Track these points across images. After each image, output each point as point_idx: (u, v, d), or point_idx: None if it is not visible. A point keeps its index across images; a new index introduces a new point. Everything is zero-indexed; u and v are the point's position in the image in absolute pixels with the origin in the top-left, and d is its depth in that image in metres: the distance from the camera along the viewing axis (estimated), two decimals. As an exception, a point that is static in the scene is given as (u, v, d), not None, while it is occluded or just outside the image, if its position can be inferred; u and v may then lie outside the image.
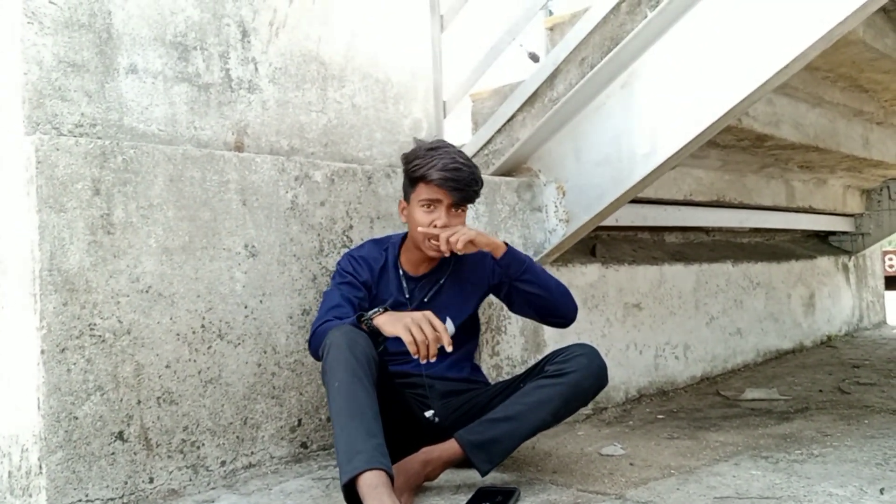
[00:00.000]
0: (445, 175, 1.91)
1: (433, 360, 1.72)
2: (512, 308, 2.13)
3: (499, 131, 2.67)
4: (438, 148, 1.96)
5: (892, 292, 7.22)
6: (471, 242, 1.92)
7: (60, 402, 1.68)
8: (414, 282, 2.08)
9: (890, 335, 5.41)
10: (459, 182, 1.92)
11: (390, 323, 1.74)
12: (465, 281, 2.11)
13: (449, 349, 1.72)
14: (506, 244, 2.00)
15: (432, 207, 1.95)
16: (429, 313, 1.74)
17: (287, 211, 2.15)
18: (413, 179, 1.98)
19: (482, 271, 2.12)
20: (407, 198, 2.03)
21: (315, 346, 1.85)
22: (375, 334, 1.76)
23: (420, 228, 1.96)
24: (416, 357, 1.69)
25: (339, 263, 2.07)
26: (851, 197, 5.65)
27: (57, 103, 1.82)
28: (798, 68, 2.18)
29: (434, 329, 1.70)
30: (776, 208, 4.72)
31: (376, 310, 1.80)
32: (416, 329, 1.69)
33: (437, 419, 1.98)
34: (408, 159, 2.00)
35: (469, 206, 2.06)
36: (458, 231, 1.92)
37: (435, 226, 1.94)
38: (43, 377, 1.65)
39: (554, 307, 2.05)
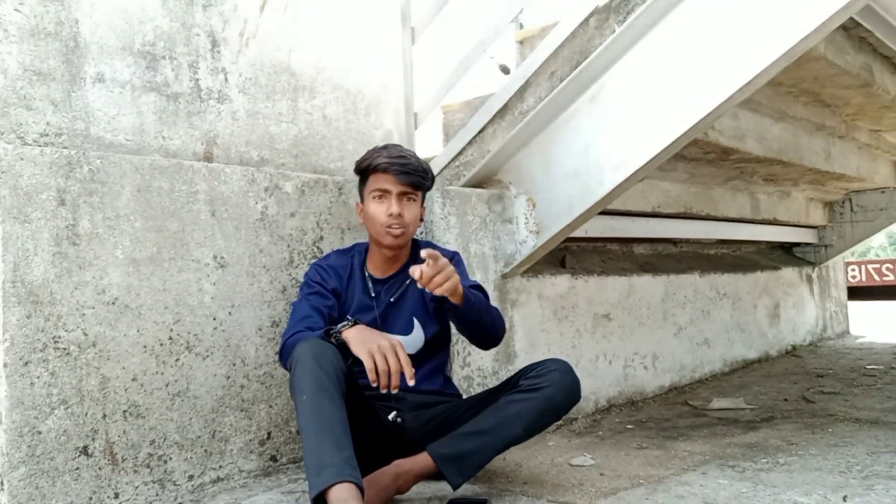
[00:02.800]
0: (392, 160, 1.98)
1: (394, 391, 1.71)
2: (446, 317, 2.07)
3: (469, 143, 2.69)
4: (387, 146, 2.06)
5: (854, 303, 7.38)
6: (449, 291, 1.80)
7: (23, 416, 1.64)
8: (380, 284, 2.08)
9: (853, 345, 5.51)
10: (406, 167, 1.98)
11: (357, 343, 1.74)
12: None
13: (411, 383, 1.71)
14: (463, 294, 1.86)
15: (383, 197, 1.99)
16: (396, 341, 1.74)
17: (257, 222, 2.13)
18: (363, 173, 2.05)
19: None
20: (361, 195, 2.08)
21: (286, 358, 1.84)
22: (345, 347, 1.75)
23: (382, 221, 1.98)
24: (375, 385, 1.68)
25: (306, 274, 2.07)
26: (815, 209, 5.76)
27: (22, 112, 1.80)
28: (762, 83, 2.23)
29: (398, 360, 1.69)
30: (742, 220, 4.80)
31: (344, 323, 1.80)
32: (379, 357, 1.68)
33: (399, 419, 1.97)
34: (359, 160, 2.08)
35: (424, 201, 2.08)
36: (447, 273, 1.77)
37: (390, 215, 1.97)
38: (5, 391, 1.62)
39: (481, 339, 2.01)
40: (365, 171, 2.04)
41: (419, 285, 1.76)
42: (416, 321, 2.07)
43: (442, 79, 2.87)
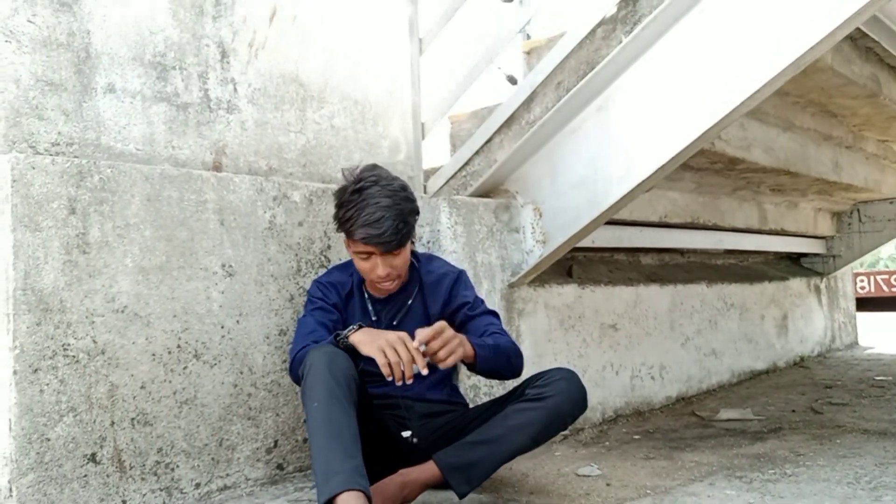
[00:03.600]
0: (368, 233, 1.84)
1: (409, 381, 1.71)
2: None
3: (477, 153, 2.70)
4: (363, 190, 1.87)
5: (863, 314, 7.34)
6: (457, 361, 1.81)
7: (32, 423, 1.65)
8: (381, 304, 2.06)
9: (861, 356, 5.48)
10: (383, 236, 1.84)
11: (365, 343, 1.74)
12: (430, 307, 2.09)
13: (424, 372, 1.72)
14: (474, 350, 1.85)
15: (367, 257, 1.91)
16: (403, 334, 1.74)
17: (265, 231, 2.15)
18: (340, 230, 1.94)
19: (439, 294, 2.07)
20: (344, 240, 1.99)
21: (295, 372, 1.84)
22: (353, 352, 1.76)
23: (370, 278, 1.95)
24: (390, 378, 1.69)
25: (308, 291, 2.07)
26: (822, 220, 5.75)
27: (34, 122, 1.82)
28: (768, 94, 2.23)
29: (408, 351, 1.69)
30: (749, 230, 4.79)
31: (351, 328, 1.81)
32: (390, 351, 1.68)
33: (415, 440, 1.97)
34: (336, 203, 1.94)
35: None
36: (451, 346, 1.76)
37: (378, 276, 1.91)
38: (15, 398, 1.63)
39: (499, 378, 2.03)
40: (341, 227, 1.93)
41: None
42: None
43: (449, 89, 2.89)
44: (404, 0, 2.80)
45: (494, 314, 2.08)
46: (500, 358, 1.92)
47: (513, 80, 3.05)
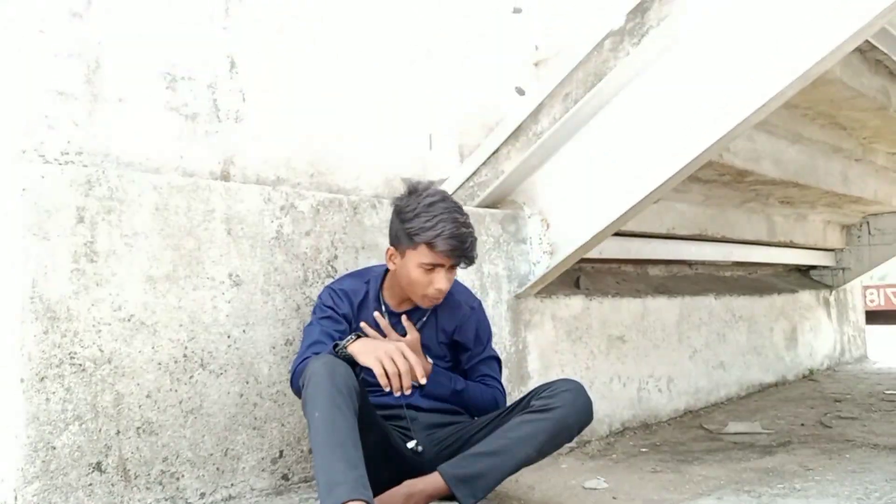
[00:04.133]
0: (453, 245, 1.86)
1: (407, 392, 1.71)
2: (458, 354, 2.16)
3: (484, 164, 2.70)
4: (435, 204, 1.89)
5: (872, 327, 7.29)
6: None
7: (38, 431, 1.66)
8: (396, 317, 2.06)
9: (871, 369, 5.44)
10: (465, 251, 1.89)
11: (364, 353, 1.74)
12: (442, 324, 2.10)
13: (423, 381, 1.72)
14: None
15: (433, 270, 1.91)
16: (401, 344, 1.74)
17: (272, 240, 2.15)
18: (414, 238, 1.89)
19: (455, 317, 2.10)
20: (400, 249, 1.95)
21: (296, 384, 1.84)
22: (352, 363, 1.75)
23: (424, 291, 1.94)
24: (388, 390, 1.69)
25: (319, 297, 2.07)
26: (832, 232, 5.72)
27: (43, 131, 1.83)
28: (777, 106, 2.23)
29: (406, 361, 1.70)
30: (758, 242, 4.78)
31: (349, 337, 1.81)
32: (388, 362, 1.68)
33: (420, 448, 1.96)
34: (405, 215, 1.92)
35: None
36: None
37: (438, 289, 1.92)
38: (21, 406, 1.63)
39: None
40: (417, 238, 1.89)
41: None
42: (429, 358, 2.07)
43: (457, 99, 2.89)
44: (414, 11, 2.81)
45: (497, 359, 2.17)
46: (457, 403, 2.05)
47: (521, 92, 3.05)
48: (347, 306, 2.03)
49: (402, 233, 1.93)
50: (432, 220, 1.87)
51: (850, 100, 3.64)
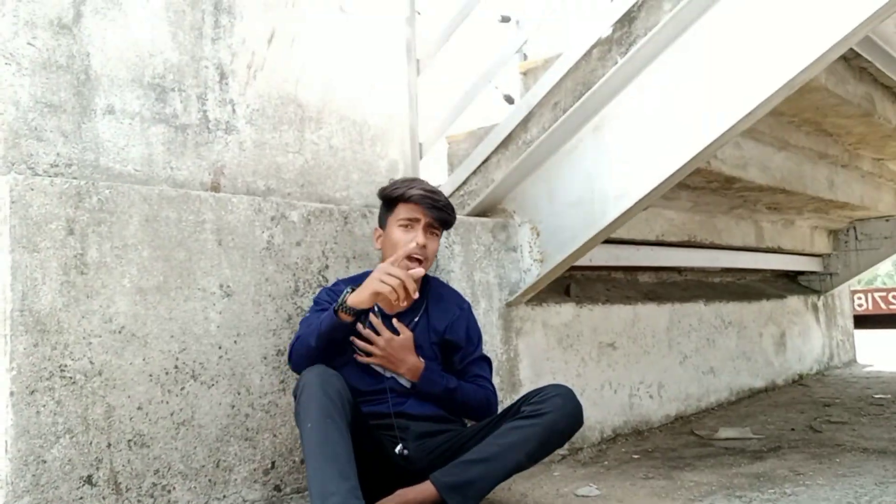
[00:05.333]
0: (424, 194, 2.03)
1: (415, 296, 1.83)
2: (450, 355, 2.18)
3: (474, 173, 2.71)
4: (415, 179, 2.14)
5: (861, 331, 7.34)
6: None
7: (29, 444, 1.65)
8: (388, 319, 2.07)
9: (860, 374, 5.48)
10: (438, 202, 2.04)
11: (360, 293, 1.85)
12: (433, 324, 2.12)
13: (415, 296, 1.83)
14: (423, 370, 2.04)
15: (410, 226, 2.04)
16: (383, 265, 1.87)
17: (263, 251, 2.15)
18: (392, 201, 2.08)
19: (446, 316, 2.14)
20: (383, 223, 2.12)
21: (296, 360, 1.94)
22: (357, 315, 1.87)
23: (406, 250, 2.01)
24: (398, 303, 1.81)
25: (316, 296, 2.12)
26: (819, 237, 5.77)
27: (33, 143, 1.82)
28: (763, 114, 2.25)
29: (397, 276, 1.80)
30: (746, 248, 4.81)
31: (345, 292, 1.88)
32: (386, 280, 1.79)
33: (406, 451, 1.97)
34: (385, 190, 2.12)
35: (442, 235, 2.16)
36: (387, 355, 1.99)
37: (417, 244, 2.01)
38: (11, 419, 1.63)
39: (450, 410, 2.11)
40: (394, 199, 2.08)
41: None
42: (421, 358, 2.07)
43: (447, 109, 2.91)
44: (402, 22, 2.83)
45: (488, 360, 2.21)
46: (446, 403, 2.05)
47: (510, 100, 3.07)
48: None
49: (383, 206, 2.13)
50: (407, 182, 2.09)
51: (836, 107, 3.68)
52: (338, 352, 1.94)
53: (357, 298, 1.85)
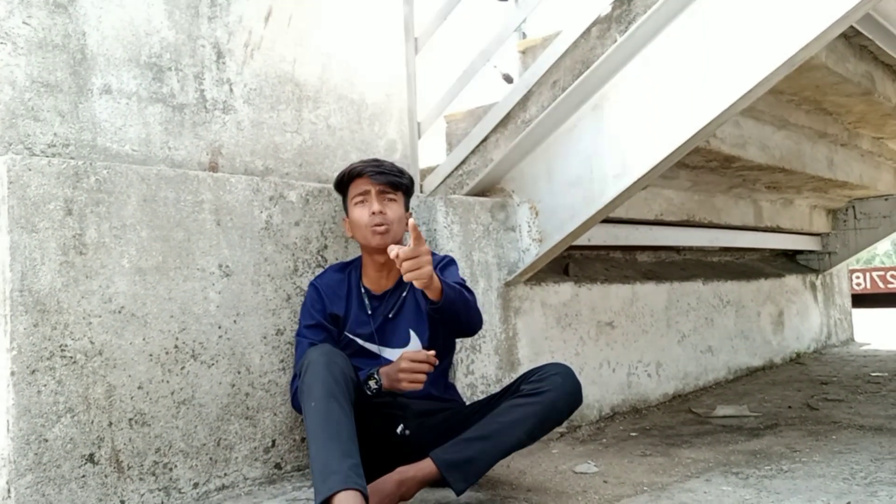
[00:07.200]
0: (366, 164, 2.06)
1: (430, 370, 1.89)
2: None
3: (473, 152, 2.70)
4: (362, 160, 2.16)
5: (859, 310, 7.37)
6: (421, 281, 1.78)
7: (30, 424, 1.66)
8: (377, 300, 2.11)
9: (857, 352, 5.50)
10: (381, 167, 2.06)
11: (392, 383, 1.91)
12: (419, 293, 2.09)
13: (435, 363, 1.89)
14: (442, 289, 1.85)
15: (364, 200, 2.05)
16: (405, 354, 1.90)
17: (261, 231, 2.15)
18: (343, 185, 2.11)
19: None
20: (347, 211, 2.13)
21: (298, 406, 1.88)
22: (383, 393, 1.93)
23: (369, 225, 2.01)
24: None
25: (306, 294, 2.13)
26: (818, 217, 5.77)
27: (29, 123, 1.82)
28: (762, 92, 2.24)
29: (415, 366, 1.87)
30: (745, 228, 4.81)
31: (374, 379, 1.92)
32: (417, 379, 1.88)
33: (407, 432, 1.98)
34: (336, 178, 2.15)
35: (404, 202, 2.12)
36: (417, 262, 1.72)
37: (373, 213, 2.01)
38: (13, 399, 1.63)
39: (457, 333, 2.11)
40: (344, 183, 2.11)
41: (397, 264, 1.72)
42: (412, 333, 2.10)
43: (445, 88, 2.89)
44: (400, 0, 2.81)
45: (471, 292, 2.04)
46: (464, 306, 1.93)
47: (509, 79, 3.05)
48: (330, 303, 2.09)
49: (341, 196, 2.16)
50: (352, 164, 2.12)
51: (836, 85, 3.66)
52: None
53: (390, 384, 1.92)
